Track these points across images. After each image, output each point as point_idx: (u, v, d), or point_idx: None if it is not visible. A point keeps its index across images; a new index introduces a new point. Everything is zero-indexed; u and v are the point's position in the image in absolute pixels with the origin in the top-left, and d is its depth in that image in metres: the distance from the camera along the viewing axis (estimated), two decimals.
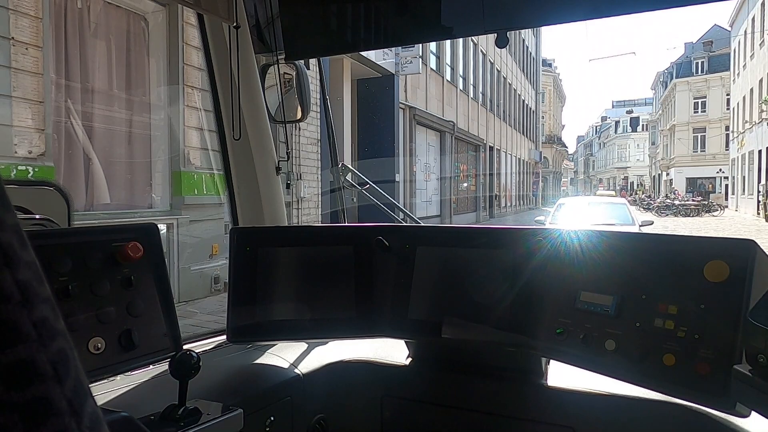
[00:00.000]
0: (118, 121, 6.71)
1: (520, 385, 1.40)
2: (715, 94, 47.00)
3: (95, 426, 0.28)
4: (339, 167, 2.06)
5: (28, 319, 0.26)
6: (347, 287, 1.52)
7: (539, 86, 45.21)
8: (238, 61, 1.70)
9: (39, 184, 3.13)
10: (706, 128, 48.24)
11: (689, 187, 48.03)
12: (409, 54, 14.36)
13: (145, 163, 7.10)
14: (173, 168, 7.18)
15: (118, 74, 6.72)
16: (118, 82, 6.73)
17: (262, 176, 1.87)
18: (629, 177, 76.43)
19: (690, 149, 49.61)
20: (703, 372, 1.04)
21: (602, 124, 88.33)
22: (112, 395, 1.23)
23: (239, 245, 1.51)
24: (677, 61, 51.61)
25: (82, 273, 1.09)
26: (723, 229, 21.88)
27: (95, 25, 6.47)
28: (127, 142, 6.87)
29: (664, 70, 57.16)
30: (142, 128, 7.06)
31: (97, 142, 6.46)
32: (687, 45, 52.00)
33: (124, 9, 6.82)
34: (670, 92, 52.42)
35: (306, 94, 1.94)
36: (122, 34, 6.79)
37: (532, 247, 1.37)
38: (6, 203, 0.27)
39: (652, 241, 1.24)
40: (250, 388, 1.38)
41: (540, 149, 45.68)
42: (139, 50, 6.98)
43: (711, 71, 47.36)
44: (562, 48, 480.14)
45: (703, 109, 48.49)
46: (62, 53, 6.02)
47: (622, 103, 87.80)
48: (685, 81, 49.20)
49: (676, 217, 30.12)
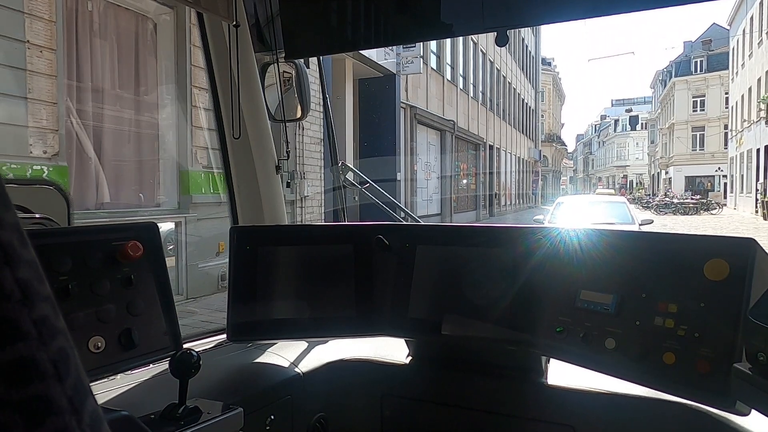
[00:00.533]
0: (126, 122, 6.83)
1: (520, 384, 1.40)
2: (713, 92, 47.18)
3: (96, 424, 0.28)
4: (339, 166, 2.06)
5: (29, 318, 0.26)
6: (347, 286, 1.52)
7: (539, 85, 45.37)
8: (238, 60, 1.70)
9: (39, 183, 3.13)
10: (704, 127, 48.45)
11: (688, 185, 48.30)
12: (410, 54, 14.50)
13: (153, 162, 7.22)
14: (181, 167, 7.34)
15: (127, 75, 6.83)
16: (127, 83, 6.85)
17: (262, 175, 1.87)
18: (628, 176, 77.08)
19: (689, 148, 49.77)
20: (703, 370, 1.04)
21: (601, 123, 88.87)
22: (112, 394, 1.23)
23: (239, 244, 1.51)
24: (676, 60, 52.00)
25: (82, 272, 1.09)
26: (721, 227, 22.08)
27: (104, 28, 6.57)
28: (136, 141, 6.98)
29: (664, 68, 57.68)
30: (150, 128, 7.17)
31: (106, 143, 6.59)
32: (686, 44, 52.40)
33: (133, 11, 6.89)
34: (669, 91, 52.68)
35: (306, 93, 1.94)
36: (131, 36, 6.87)
37: (532, 246, 1.37)
38: (6, 202, 0.27)
39: (652, 239, 1.24)
40: (250, 387, 1.38)
41: (540, 148, 45.83)
42: (147, 52, 7.07)
43: (710, 70, 47.61)
44: (561, 46, 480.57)
45: (702, 108, 48.72)
46: (73, 56, 6.17)
47: (622, 101, 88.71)
48: (684, 80, 49.45)
49: (675, 216, 30.41)
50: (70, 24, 6.08)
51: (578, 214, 11.39)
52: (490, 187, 26.82)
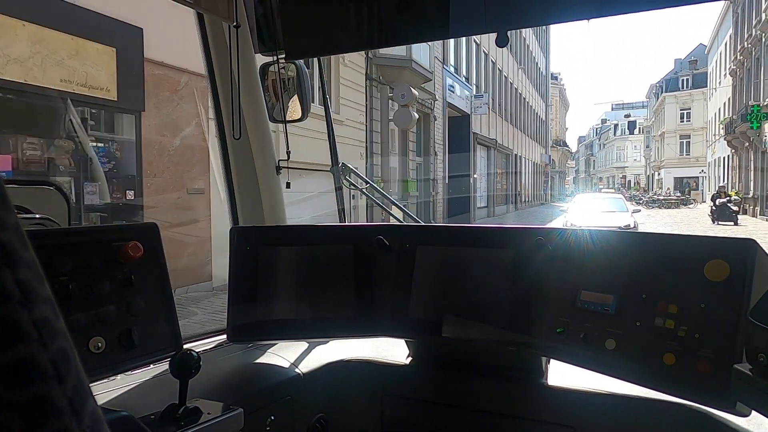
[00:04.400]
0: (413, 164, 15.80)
1: (521, 385, 1.40)
2: (697, 106, 56.08)
3: (96, 425, 0.28)
4: (339, 167, 2.06)
5: (29, 319, 0.26)
6: (347, 287, 1.52)
7: (548, 99, 53.38)
8: (238, 61, 1.70)
9: (39, 183, 3.13)
10: (690, 135, 57.69)
11: (677, 185, 56.47)
12: (480, 102, 23.57)
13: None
14: (402, 178, 15.76)
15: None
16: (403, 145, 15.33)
17: (262, 176, 1.87)
18: (627, 176, 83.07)
19: (677, 153, 58.87)
20: (704, 371, 1.04)
21: (602, 126, 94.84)
22: (112, 394, 1.23)
23: (239, 244, 1.51)
24: (666, 77, 62.01)
25: (82, 272, 1.09)
26: (686, 215, 30.06)
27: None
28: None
29: (656, 83, 67.18)
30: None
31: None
32: (676, 61, 62.70)
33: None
34: (660, 104, 61.80)
35: (306, 93, 1.94)
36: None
37: (532, 247, 1.37)
38: (6, 203, 0.27)
39: (652, 240, 1.24)
40: (250, 387, 1.38)
41: (549, 153, 53.70)
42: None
43: (695, 86, 56.56)
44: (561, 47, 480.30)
45: (688, 119, 58.14)
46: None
47: (621, 105, 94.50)
48: (673, 95, 58.72)
49: (660, 209, 37.86)
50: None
51: (590, 204, 16.54)
52: (514, 187, 34.24)
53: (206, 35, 1.82)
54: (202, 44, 1.84)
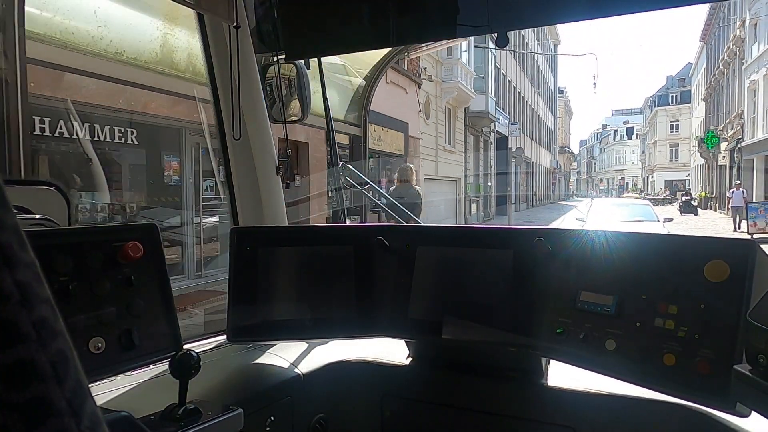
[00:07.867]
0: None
1: (521, 385, 1.40)
2: (685, 119, 65.51)
3: (95, 426, 0.28)
4: (339, 167, 2.06)
5: (28, 320, 0.26)
6: (347, 287, 1.52)
7: (556, 111, 61.86)
8: (238, 61, 1.70)
9: (39, 183, 3.12)
10: (678, 144, 68.57)
11: (667, 186, 65.18)
12: (515, 127, 32.47)
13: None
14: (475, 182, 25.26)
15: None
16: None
17: (262, 176, 1.87)
18: (625, 178, 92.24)
19: (667, 159, 69.93)
20: (704, 372, 1.03)
21: (602, 131, 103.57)
22: (112, 395, 1.23)
23: (239, 245, 1.51)
24: (659, 93, 72.70)
25: (82, 273, 1.08)
26: (667, 210, 33.13)
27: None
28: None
29: (650, 96, 77.94)
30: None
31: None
32: (668, 78, 72.67)
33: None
34: (653, 116, 72.40)
35: (306, 94, 1.94)
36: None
37: (532, 247, 1.37)
38: (5, 203, 0.27)
39: (652, 240, 1.24)
40: (250, 387, 1.38)
41: (557, 159, 62.00)
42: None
43: (682, 102, 66.54)
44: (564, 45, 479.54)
45: (676, 130, 68.70)
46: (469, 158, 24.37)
47: (620, 111, 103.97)
48: (664, 109, 69.22)
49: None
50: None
51: (611, 212, 17.95)
52: (532, 188, 42.32)
53: (206, 35, 1.82)
54: (203, 45, 1.84)
